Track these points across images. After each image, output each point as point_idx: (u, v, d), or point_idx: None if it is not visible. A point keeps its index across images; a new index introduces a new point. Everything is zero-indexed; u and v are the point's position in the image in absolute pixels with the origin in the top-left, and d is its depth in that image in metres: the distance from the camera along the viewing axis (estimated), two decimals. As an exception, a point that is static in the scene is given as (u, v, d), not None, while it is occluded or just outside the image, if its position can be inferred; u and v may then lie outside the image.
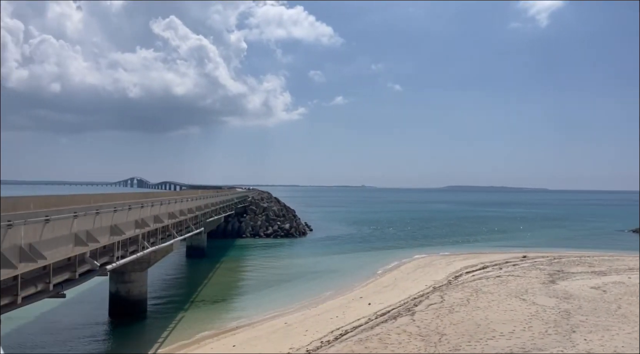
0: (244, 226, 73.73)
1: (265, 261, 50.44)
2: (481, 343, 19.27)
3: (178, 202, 32.87)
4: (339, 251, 57.98)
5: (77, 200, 21.33)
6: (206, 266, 46.61)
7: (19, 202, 17.36)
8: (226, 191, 77.77)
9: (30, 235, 13.19)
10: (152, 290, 34.03)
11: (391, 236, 76.20)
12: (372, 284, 37.83)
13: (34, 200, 18.53)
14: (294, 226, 76.51)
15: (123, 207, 21.16)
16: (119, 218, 20.58)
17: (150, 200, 27.62)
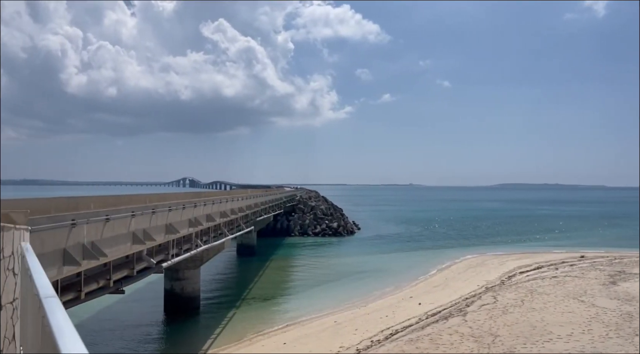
0: (293, 225, 74.37)
1: (314, 260, 50.70)
2: (537, 345, 18.71)
3: (229, 201, 33.56)
4: (388, 250, 57.59)
5: (134, 200, 22.13)
6: (256, 265, 47.33)
7: (80, 202, 18.18)
8: (274, 190, 78.70)
9: (92, 233, 13.80)
10: (205, 287, 34.89)
11: (441, 235, 75.02)
12: (422, 284, 37.38)
13: (94, 200, 19.36)
14: (341, 225, 76.57)
15: (177, 207, 21.81)
16: (173, 217, 21.21)
17: (202, 199, 28.34)
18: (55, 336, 2.07)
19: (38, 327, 3.24)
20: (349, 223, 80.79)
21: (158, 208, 19.39)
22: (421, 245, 62.42)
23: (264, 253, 54.35)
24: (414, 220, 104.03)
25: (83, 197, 19.70)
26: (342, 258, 51.91)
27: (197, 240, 25.15)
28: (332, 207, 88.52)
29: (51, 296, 2.87)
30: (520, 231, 79.78)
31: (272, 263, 48.63)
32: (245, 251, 53.31)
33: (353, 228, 78.77)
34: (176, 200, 26.88)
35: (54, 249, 11.67)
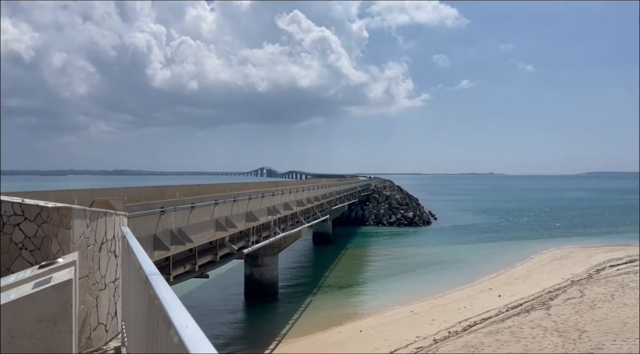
0: (367, 214, 74.44)
1: (389, 250, 50.60)
2: (628, 342, 17.70)
3: (305, 191, 34.22)
4: (466, 241, 56.35)
5: (216, 189, 23.17)
6: (332, 253, 47.95)
7: (166, 191, 19.28)
8: (349, 180, 79.04)
9: (179, 220, 14.66)
10: (283, 274, 35.87)
11: (523, 226, 72.19)
12: (503, 275, 36.31)
13: (179, 189, 20.43)
14: (417, 215, 75.68)
15: (257, 195, 22.57)
16: (253, 206, 22.00)
17: (280, 188, 29.10)
18: (165, 308, 2.33)
19: (142, 303, 3.59)
20: (425, 213, 79.64)
21: (239, 197, 20.17)
22: (501, 236, 60.47)
23: (340, 242, 54.88)
24: (493, 210, 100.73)
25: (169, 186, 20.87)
26: (418, 248, 51.41)
27: (275, 228, 25.91)
28: (408, 197, 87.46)
29: (155, 274, 3.17)
30: (610, 223, 75.04)
31: (347, 251, 49.05)
32: (321, 239, 54.10)
33: (429, 218, 77.62)
34: (255, 189, 27.80)
35: (145, 235, 12.52)
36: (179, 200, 15.10)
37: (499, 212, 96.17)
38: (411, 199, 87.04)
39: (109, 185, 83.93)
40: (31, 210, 6.03)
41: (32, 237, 6.00)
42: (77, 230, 5.84)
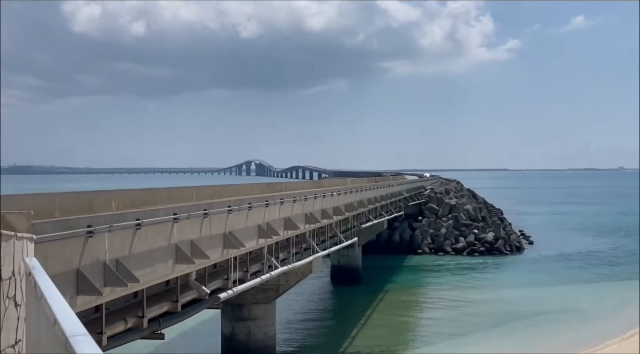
0: (419, 236, 74.23)
1: (457, 293, 50.32)
2: None
3: (319, 198, 34.11)
4: (580, 280, 56.01)
5: (175, 197, 23.15)
6: (362, 298, 47.82)
7: (96, 199, 19.32)
8: (389, 180, 78.79)
9: (117, 246, 14.62)
10: (283, 332, 35.82)
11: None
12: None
13: (117, 197, 20.50)
14: (501, 237, 75.31)
15: (240, 206, 22.48)
16: (235, 223, 21.95)
17: (278, 194, 28.95)
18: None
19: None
20: (514, 234, 79.16)
21: (212, 209, 20.13)
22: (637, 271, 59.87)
23: (374, 281, 54.69)
24: (625, 228, 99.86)
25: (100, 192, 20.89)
26: (504, 291, 51.16)
27: (270, 258, 25.84)
28: (485, 207, 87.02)
29: (81, 334, 3.12)
30: None
31: (386, 296, 48.89)
32: (344, 276, 53.99)
33: (520, 242, 77.37)
34: (238, 195, 27.70)
35: (63, 270, 12.52)
36: (117, 215, 15.07)
37: (635, 232, 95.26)
38: (491, 211, 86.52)
39: (4, 190, 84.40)
40: None
41: None
42: (-47, 263, 5.81)
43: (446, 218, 78.20)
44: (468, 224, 77.44)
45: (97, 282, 13.61)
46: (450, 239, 74.42)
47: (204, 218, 19.55)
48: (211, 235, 20.23)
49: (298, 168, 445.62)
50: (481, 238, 74.71)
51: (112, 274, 14.14)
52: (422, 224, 76.17)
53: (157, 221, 16.55)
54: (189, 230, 18.67)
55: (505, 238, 75.53)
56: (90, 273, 13.41)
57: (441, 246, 73.44)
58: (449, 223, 76.93)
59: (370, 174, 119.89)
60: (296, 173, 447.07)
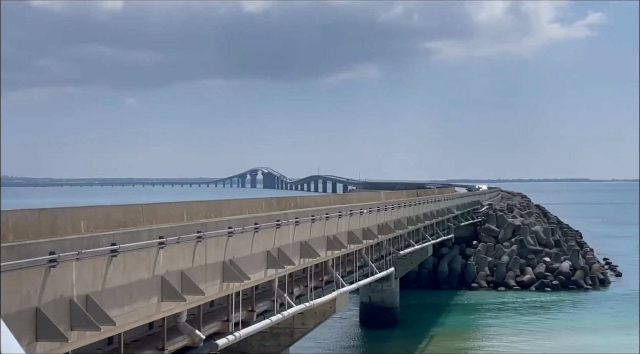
0: (474, 266, 73.97)
1: (523, 340, 50.14)
2: None
3: (344, 216, 34.03)
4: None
5: (161, 215, 23.20)
6: (400, 345, 47.84)
7: (61, 218, 19.42)
8: (434, 194, 78.60)
9: (88, 279, 14.64)
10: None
11: None
12: None
13: (86, 215, 20.61)
14: (580, 267, 74.95)
15: (244, 227, 22.48)
16: (237, 248, 21.98)
17: (292, 212, 28.91)
18: None
19: None
20: (596, 263, 78.70)
21: (208, 230, 20.14)
22: None
23: (415, 323, 54.59)
24: None
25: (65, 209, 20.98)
26: (584, 338, 51.10)
27: (282, 294, 25.78)
28: (559, 229, 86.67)
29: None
30: None
31: (432, 344, 48.72)
32: (377, 317, 53.84)
33: (605, 274, 77.03)
34: (240, 213, 27.68)
35: (18, 309, 12.55)
36: (87, 238, 15.11)
37: None
38: (566, 234, 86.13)
39: None
40: None
41: None
42: None
43: (509, 242, 77.90)
44: (537, 250, 77.08)
45: (62, 325, 13.63)
46: (514, 270, 74.07)
47: (197, 243, 19.53)
48: (207, 264, 20.22)
49: (317, 179, 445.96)
50: (554, 268, 74.33)
51: (80, 314, 14.15)
52: (477, 250, 75.96)
53: (138, 246, 16.56)
54: (179, 257, 18.66)
55: (585, 269, 75.09)
56: (52, 313, 13.42)
57: (502, 279, 73.13)
58: (513, 249, 76.58)
59: (409, 186, 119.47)
60: (315, 184, 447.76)
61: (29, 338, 12.85)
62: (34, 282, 13.07)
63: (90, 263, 14.74)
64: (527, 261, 75.17)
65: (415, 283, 69.04)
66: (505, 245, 77.07)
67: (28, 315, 12.85)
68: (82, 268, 14.45)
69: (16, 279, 12.44)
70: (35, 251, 13.10)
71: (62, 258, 13.60)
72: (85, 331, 14.28)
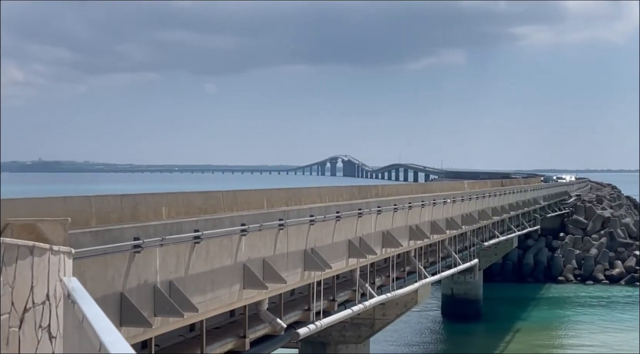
0: (560, 259, 73.21)
1: (613, 337, 49.44)
2: None
3: (427, 206, 33.97)
4: None
5: (242, 202, 23.46)
6: (483, 339, 47.55)
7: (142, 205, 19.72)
8: (520, 184, 77.89)
9: (171, 265, 14.91)
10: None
11: None
12: None
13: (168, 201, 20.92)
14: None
15: (326, 215, 22.61)
16: (318, 236, 22.12)
17: (375, 201, 28.96)
18: None
19: None
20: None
21: (290, 218, 20.28)
22: None
23: (499, 316, 54.20)
24: None
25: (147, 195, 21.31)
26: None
27: (364, 284, 25.87)
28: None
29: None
30: None
31: (516, 338, 48.36)
32: (459, 309, 53.59)
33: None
34: (321, 201, 27.81)
35: (103, 294, 12.81)
36: (171, 224, 15.35)
37: None
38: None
39: (29, 192, 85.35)
40: None
41: None
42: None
43: (597, 234, 76.83)
44: (627, 244, 75.91)
45: (146, 310, 13.88)
46: (603, 263, 73.07)
47: (279, 231, 19.69)
48: (288, 252, 20.38)
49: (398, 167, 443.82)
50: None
51: (164, 300, 14.39)
52: (564, 243, 75.13)
53: (220, 233, 16.76)
54: (260, 245, 18.85)
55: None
56: (136, 298, 13.68)
57: (590, 272, 72.21)
58: (602, 241, 75.53)
59: (494, 175, 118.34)
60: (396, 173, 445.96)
61: (114, 323, 13.10)
62: (119, 267, 13.34)
63: (173, 250, 15.00)
64: (617, 254, 74.07)
65: (499, 275, 68.57)
66: (594, 238, 76.08)
67: (113, 300, 13.11)
68: (165, 254, 14.70)
69: (101, 264, 12.71)
70: (120, 237, 13.36)
71: (147, 243, 13.85)
72: (168, 317, 14.54)
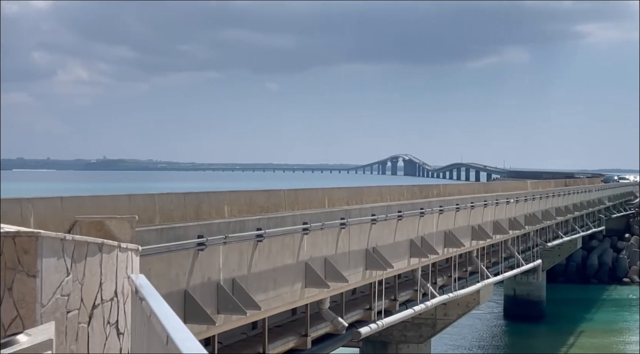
0: (626, 260, 72.49)
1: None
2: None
3: (490, 206, 33.88)
4: None
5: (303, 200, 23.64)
6: (546, 341, 47.24)
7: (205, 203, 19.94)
8: (584, 183, 77.24)
9: (234, 263, 15.08)
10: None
11: None
12: None
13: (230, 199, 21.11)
14: None
15: (387, 214, 22.67)
16: (380, 236, 22.22)
17: (437, 200, 29.01)
18: None
19: None
20: None
21: (351, 217, 20.39)
22: None
23: (562, 318, 53.74)
24: None
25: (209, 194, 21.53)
26: None
27: (426, 284, 25.86)
28: None
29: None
30: None
31: (580, 340, 47.94)
32: (522, 310, 53.26)
33: None
34: (382, 200, 27.89)
35: (168, 291, 12.98)
36: (234, 223, 15.49)
37: None
38: None
39: (94, 190, 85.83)
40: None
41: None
42: (48, 278, 6.14)
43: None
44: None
45: (209, 308, 14.04)
46: (671, 263, 72.33)
47: (341, 229, 19.78)
48: (350, 251, 20.48)
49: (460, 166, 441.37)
50: None
51: (227, 298, 14.54)
52: (629, 244, 74.35)
53: (283, 232, 16.90)
54: (322, 244, 18.95)
55: None
56: (200, 296, 13.84)
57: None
58: (668, 242, 74.75)
59: (557, 175, 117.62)
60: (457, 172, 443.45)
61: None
62: (183, 265, 13.52)
63: (236, 248, 15.15)
64: (686, 255, 73.33)
65: (562, 276, 68.02)
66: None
67: (177, 297, 13.28)
68: (228, 252, 14.86)
69: (166, 261, 12.89)
70: (184, 235, 13.54)
71: (210, 242, 14.01)
72: (231, 315, 14.69)
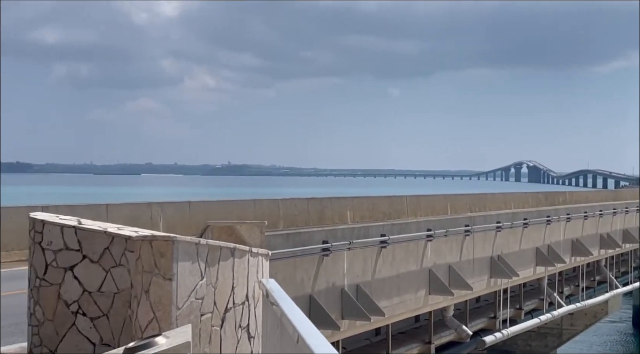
0: None
1: None
2: None
3: (619, 214, 33.25)
4: None
5: (423, 207, 23.58)
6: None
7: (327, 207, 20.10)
8: None
9: (358, 269, 15.20)
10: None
11: None
12: None
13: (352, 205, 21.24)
14: None
15: (513, 222, 22.54)
16: (504, 243, 22.15)
17: (563, 207, 28.69)
18: None
19: None
20: None
21: (475, 224, 20.31)
22: None
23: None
24: None
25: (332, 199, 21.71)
26: None
27: (552, 293, 25.57)
28: None
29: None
30: None
31: None
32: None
33: None
34: (506, 207, 27.64)
35: (293, 295, 13.08)
36: (358, 228, 15.59)
37: None
38: None
39: (220, 195, 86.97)
40: (95, 242, 6.59)
41: (97, 293, 6.55)
42: (184, 282, 6.29)
43: None
44: None
45: (334, 313, 14.16)
46: None
47: (465, 237, 19.71)
48: (474, 258, 20.38)
49: (586, 173, 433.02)
50: None
51: (351, 304, 14.63)
52: None
53: (406, 238, 16.93)
54: (446, 250, 18.93)
55: None
56: (325, 301, 13.97)
57: None
58: None
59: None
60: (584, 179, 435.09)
61: (302, 325, 13.41)
62: (308, 270, 13.67)
63: (360, 254, 15.23)
64: None
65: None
66: None
67: (302, 302, 13.42)
68: (352, 258, 14.96)
69: (291, 266, 13.06)
70: (309, 240, 13.70)
71: (335, 247, 14.14)
72: (355, 321, 14.77)
